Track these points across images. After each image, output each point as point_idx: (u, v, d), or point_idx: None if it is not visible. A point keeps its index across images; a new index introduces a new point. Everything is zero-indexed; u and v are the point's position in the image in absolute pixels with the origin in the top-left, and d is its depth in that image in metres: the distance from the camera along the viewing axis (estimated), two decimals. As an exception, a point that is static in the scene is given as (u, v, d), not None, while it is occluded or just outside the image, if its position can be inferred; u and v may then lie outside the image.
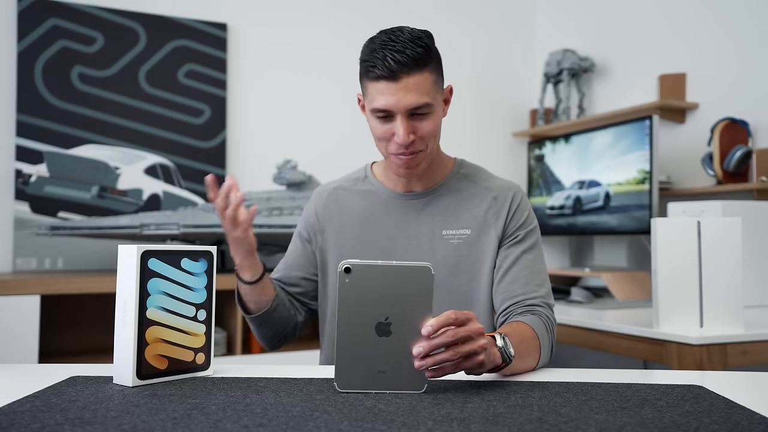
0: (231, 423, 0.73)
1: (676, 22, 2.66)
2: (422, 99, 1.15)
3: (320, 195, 1.38)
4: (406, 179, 1.29)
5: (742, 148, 2.24)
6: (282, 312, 1.29)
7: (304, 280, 1.35)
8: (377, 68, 1.14)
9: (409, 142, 1.16)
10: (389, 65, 1.12)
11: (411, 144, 1.18)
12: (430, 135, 1.19)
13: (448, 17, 3.25)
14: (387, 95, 1.14)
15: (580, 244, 3.07)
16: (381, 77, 1.14)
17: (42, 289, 2.12)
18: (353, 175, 1.39)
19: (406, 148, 1.18)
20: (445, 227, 1.27)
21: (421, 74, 1.15)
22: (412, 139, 1.17)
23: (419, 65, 1.14)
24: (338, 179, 1.40)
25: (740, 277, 1.62)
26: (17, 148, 2.51)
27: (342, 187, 1.36)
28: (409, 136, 1.16)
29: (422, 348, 0.86)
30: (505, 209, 1.28)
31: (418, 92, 1.15)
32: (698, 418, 0.77)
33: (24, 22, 2.53)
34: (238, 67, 2.88)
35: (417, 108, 1.15)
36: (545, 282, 1.25)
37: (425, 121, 1.18)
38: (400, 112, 1.15)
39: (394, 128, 1.17)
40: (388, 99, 1.14)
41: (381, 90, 1.15)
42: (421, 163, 1.22)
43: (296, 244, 1.38)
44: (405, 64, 1.13)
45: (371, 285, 0.88)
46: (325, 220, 1.34)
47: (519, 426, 0.73)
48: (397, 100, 1.14)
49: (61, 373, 1.00)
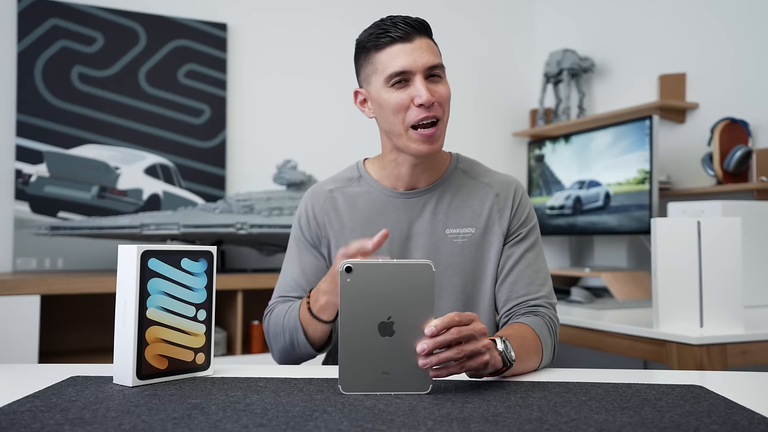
0: (231, 423, 0.73)
1: (676, 22, 2.66)
2: (437, 59, 1.16)
3: (316, 197, 1.29)
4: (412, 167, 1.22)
5: (742, 148, 2.24)
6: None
7: None
8: (390, 32, 1.14)
9: (433, 101, 1.13)
10: (402, 27, 1.14)
11: (432, 107, 1.14)
12: (446, 100, 1.17)
13: (449, 17, 3.25)
14: (403, 55, 1.14)
15: (580, 244, 3.07)
16: (395, 40, 1.14)
17: (42, 289, 2.12)
18: (345, 174, 1.32)
19: (428, 111, 1.14)
20: (448, 226, 1.24)
21: (430, 40, 1.18)
22: (433, 100, 1.14)
23: (428, 32, 1.18)
24: (329, 179, 1.33)
25: (740, 277, 1.62)
26: (17, 148, 2.51)
27: (337, 189, 1.29)
28: (433, 96, 1.14)
29: (426, 345, 0.86)
30: (509, 207, 1.25)
31: (433, 53, 1.16)
32: (698, 418, 0.77)
33: (24, 22, 2.53)
34: (238, 67, 2.88)
35: (434, 68, 1.15)
36: (547, 280, 1.24)
37: (440, 84, 1.17)
38: (418, 71, 1.14)
39: (412, 92, 1.14)
40: (405, 59, 1.14)
41: (396, 53, 1.14)
42: (440, 136, 1.18)
43: (306, 255, 1.28)
44: (416, 27, 1.16)
45: (373, 284, 0.88)
46: (325, 225, 1.27)
47: (519, 426, 0.73)
48: (415, 59, 1.14)
49: (61, 373, 1.00)
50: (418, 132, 1.16)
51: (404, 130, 1.17)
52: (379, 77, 1.16)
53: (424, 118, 1.15)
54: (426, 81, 1.15)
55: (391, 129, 1.18)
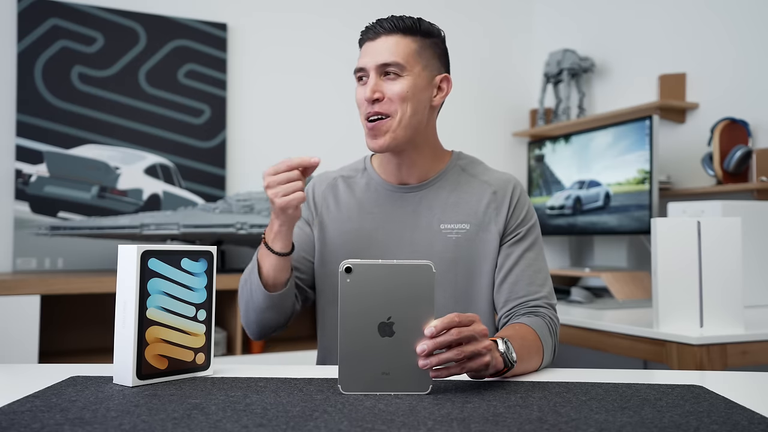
0: (231, 423, 0.73)
1: (676, 22, 2.66)
2: (392, 58, 1.17)
3: (320, 182, 1.35)
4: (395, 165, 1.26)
5: (742, 148, 2.24)
6: (290, 297, 1.24)
7: (307, 262, 1.31)
8: (369, 32, 1.21)
9: (372, 98, 1.17)
10: (373, 28, 1.20)
11: (376, 103, 1.18)
12: (397, 98, 1.17)
13: (448, 17, 3.24)
14: (364, 55, 1.21)
15: (580, 244, 3.07)
16: (366, 39, 1.21)
17: (42, 289, 2.12)
18: (354, 165, 1.37)
19: (371, 105, 1.18)
20: (443, 221, 1.25)
21: (401, 38, 1.19)
22: (377, 96, 1.17)
23: (402, 31, 1.19)
24: (340, 168, 1.38)
25: (740, 277, 1.62)
26: (17, 148, 2.51)
27: (343, 178, 1.34)
28: (373, 93, 1.17)
29: (426, 346, 0.86)
30: (506, 205, 1.26)
31: (391, 52, 1.18)
32: (698, 418, 0.77)
33: (24, 22, 2.53)
34: (238, 67, 2.88)
35: (386, 65, 1.17)
36: (547, 280, 1.24)
37: (395, 83, 1.18)
38: (371, 68, 1.18)
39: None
40: (363, 58, 1.20)
41: (363, 51, 1.21)
42: (387, 132, 1.18)
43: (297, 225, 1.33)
44: (386, 28, 1.19)
45: (372, 284, 0.88)
46: (322, 210, 1.31)
47: (519, 426, 0.73)
48: (372, 57, 1.18)
49: (61, 373, 1.00)
50: (367, 126, 1.21)
51: (364, 124, 1.22)
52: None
53: (369, 114, 1.19)
54: (380, 78, 1.19)
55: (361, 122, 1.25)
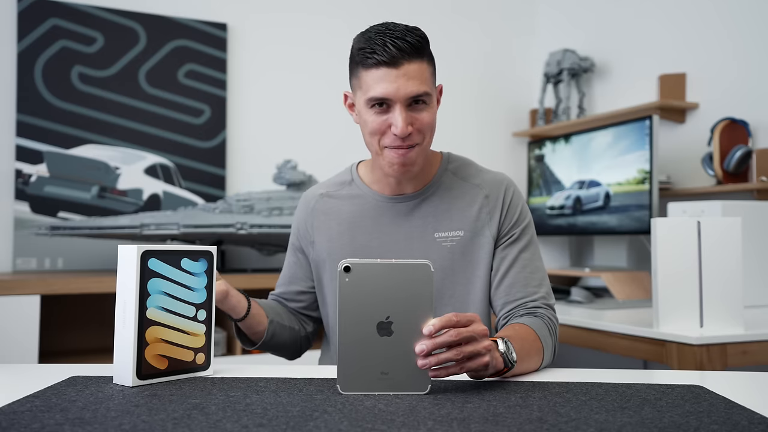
0: (231, 423, 0.73)
1: (676, 22, 2.66)
2: (422, 87, 1.11)
3: (307, 203, 1.33)
4: (396, 180, 1.23)
5: (742, 148, 2.24)
6: (282, 335, 1.28)
7: (303, 294, 1.34)
8: (377, 54, 1.09)
9: (408, 133, 1.12)
10: (389, 51, 1.09)
11: (408, 137, 1.13)
12: (428, 128, 1.15)
13: (449, 17, 3.24)
14: (386, 82, 1.10)
15: (580, 244, 3.07)
16: (381, 63, 1.10)
17: (42, 289, 2.12)
18: (339, 177, 1.33)
19: (403, 140, 1.13)
20: (437, 229, 1.23)
21: (420, 63, 1.12)
22: (410, 131, 1.12)
23: (419, 54, 1.11)
24: (324, 183, 1.35)
25: (740, 277, 1.62)
26: (17, 148, 2.51)
27: (329, 194, 1.31)
28: (408, 128, 1.11)
29: (425, 346, 0.86)
30: (498, 207, 1.24)
31: (419, 80, 1.11)
32: (698, 418, 0.77)
33: (24, 22, 2.53)
34: (238, 67, 2.88)
35: (418, 96, 1.11)
36: (544, 280, 1.23)
37: (424, 112, 1.13)
38: (399, 100, 1.11)
39: (391, 119, 1.12)
40: (387, 86, 1.10)
41: (379, 77, 1.10)
42: (416, 161, 1.16)
43: (291, 256, 1.36)
44: (406, 51, 1.09)
45: (371, 284, 0.88)
46: (314, 231, 1.30)
47: (519, 426, 0.73)
48: (398, 87, 1.10)
49: (61, 373, 1.00)
50: (393, 152, 1.15)
51: (379, 150, 1.17)
52: (363, 96, 1.14)
53: (400, 147, 1.14)
54: (408, 108, 1.12)
55: (369, 146, 1.19)
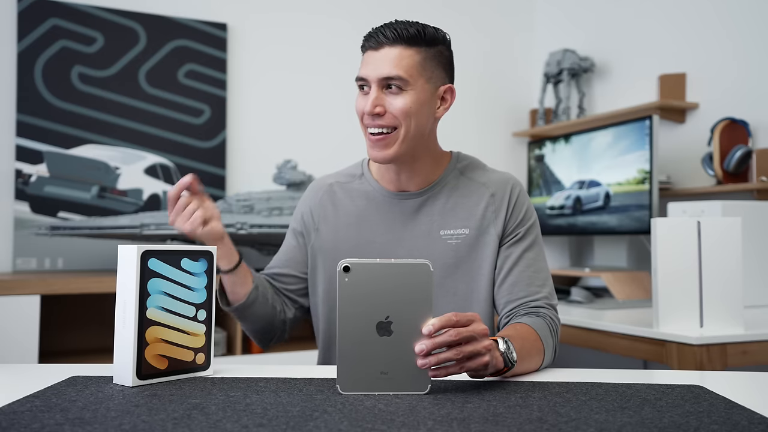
0: (231, 423, 0.73)
1: (676, 22, 2.66)
2: (395, 71, 1.15)
3: (316, 191, 1.34)
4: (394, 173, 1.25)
5: (742, 148, 2.24)
6: (262, 307, 1.26)
7: (295, 279, 1.33)
8: (371, 39, 1.17)
9: (373, 112, 1.15)
10: (377, 38, 1.17)
11: (378, 117, 1.16)
12: (401, 113, 1.16)
13: (448, 17, 3.24)
14: (366, 64, 1.18)
15: (580, 244, 3.07)
16: (369, 48, 1.18)
17: (42, 289, 2.12)
18: (350, 170, 1.35)
19: (372, 119, 1.16)
20: (442, 227, 1.24)
21: (405, 50, 1.16)
22: (378, 111, 1.16)
23: (407, 42, 1.16)
24: (335, 173, 1.36)
25: (740, 277, 1.62)
26: (17, 148, 2.51)
27: (339, 184, 1.32)
28: (374, 107, 1.15)
29: (425, 346, 0.86)
30: (504, 206, 1.25)
31: (394, 64, 1.15)
32: (698, 418, 0.77)
33: (24, 22, 2.53)
34: (238, 67, 2.88)
35: (389, 79, 1.15)
36: (547, 280, 1.23)
37: (398, 97, 1.16)
38: (373, 81, 1.16)
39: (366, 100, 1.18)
40: (366, 68, 1.17)
41: (365, 60, 1.18)
42: (392, 146, 1.18)
43: (290, 240, 1.35)
44: (390, 38, 1.16)
45: (370, 284, 0.88)
46: (320, 219, 1.31)
47: (519, 426, 0.73)
48: (374, 68, 1.16)
49: (61, 373, 1.00)
50: (370, 138, 1.19)
51: (365, 134, 1.21)
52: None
53: (370, 125, 1.18)
54: (382, 91, 1.16)
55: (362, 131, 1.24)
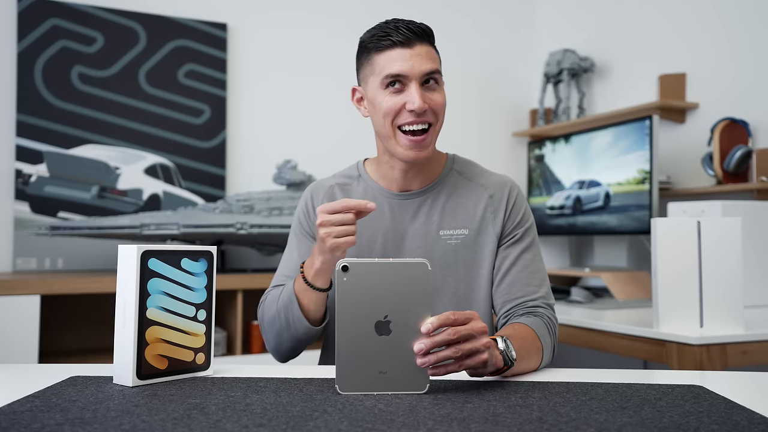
0: (231, 423, 0.73)
1: (676, 22, 2.66)
2: (435, 66, 1.17)
3: (316, 192, 1.32)
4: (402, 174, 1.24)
5: (742, 148, 2.24)
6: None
7: None
8: (391, 36, 1.16)
9: (424, 108, 1.15)
10: (404, 33, 1.16)
11: (423, 114, 1.16)
12: (441, 108, 1.19)
13: (449, 16, 3.25)
14: (402, 60, 1.15)
15: (580, 244, 3.07)
16: (396, 44, 1.16)
17: (42, 289, 2.12)
18: (347, 172, 1.34)
19: (419, 116, 1.16)
20: (442, 227, 1.25)
21: (430, 48, 1.19)
22: (426, 107, 1.16)
23: (429, 39, 1.19)
24: (333, 176, 1.36)
25: (740, 277, 1.62)
26: (17, 148, 2.51)
27: (339, 185, 1.32)
28: (425, 104, 1.15)
29: (424, 345, 0.86)
30: (502, 208, 1.26)
31: (431, 60, 1.17)
32: (698, 418, 0.77)
33: (24, 22, 2.53)
34: (238, 67, 2.88)
35: (431, 74, 1.16)
36: (544, 281, 1.24)
37: (436, 92, 1.18)
38: (415, 77, 1.15)
39: (406, 98, 1.16)
40: (403, 64, 1.15)
41: (395, 57, 1.16)
42: (430, 143, 1.20)
43: (303, 245, 1.30)
44: (418, 34, 1.17)
45: (369, 283, 0.88)
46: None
47: (519, 426, 0.73)
48: (413, 65, 1.15)
49: (61, 373, 1.00)
50: (408, 138, 1.18)
51: (393, 133, 1.19)
52: (376, 79, 1.18)
53: (413, 122, 1.17)
54: (421, 87, 1.17)
55: (381, 131, 1.21)
